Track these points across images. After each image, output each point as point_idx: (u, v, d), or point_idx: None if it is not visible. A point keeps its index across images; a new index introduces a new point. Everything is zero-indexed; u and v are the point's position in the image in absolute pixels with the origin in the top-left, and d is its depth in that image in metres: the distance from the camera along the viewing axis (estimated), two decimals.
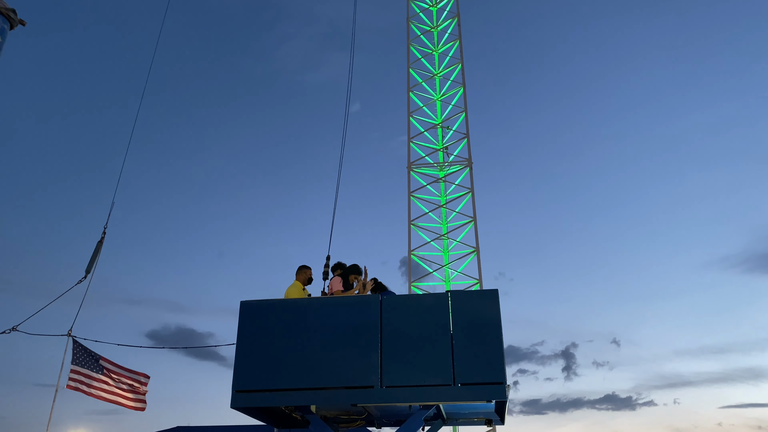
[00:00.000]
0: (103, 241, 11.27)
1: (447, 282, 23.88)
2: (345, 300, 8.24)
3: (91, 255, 11.14)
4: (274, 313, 8.14)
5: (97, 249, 11.20)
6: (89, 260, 11.12)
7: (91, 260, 11.13)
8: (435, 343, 7.70)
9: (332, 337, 7.85)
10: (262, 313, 8.18)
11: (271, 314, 8.15)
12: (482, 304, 7.74)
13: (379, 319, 7.81)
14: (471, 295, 7.85)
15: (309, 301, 8.37)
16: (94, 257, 11.13)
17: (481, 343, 7.62)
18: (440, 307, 7.82)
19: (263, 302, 8.25)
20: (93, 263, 11.12)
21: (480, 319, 7.69)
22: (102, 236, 11.28)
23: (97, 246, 11.20)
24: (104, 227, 11.26)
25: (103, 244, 11.27)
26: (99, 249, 11.24)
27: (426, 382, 7.54)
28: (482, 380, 7.46)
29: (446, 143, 25.90)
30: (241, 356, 7.97)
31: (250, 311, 8.20)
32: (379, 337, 7.75)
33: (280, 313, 8.12)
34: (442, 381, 7.51)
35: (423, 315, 7.83)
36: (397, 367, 7.67)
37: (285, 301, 8.41)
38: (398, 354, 7.70)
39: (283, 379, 7.74)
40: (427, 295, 8.06)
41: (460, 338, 7.67)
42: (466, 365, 7.57)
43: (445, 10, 28.42)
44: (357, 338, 7.79)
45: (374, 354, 7.72)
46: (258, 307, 8.22)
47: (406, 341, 7.74)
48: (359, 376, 7.70)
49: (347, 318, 7.94)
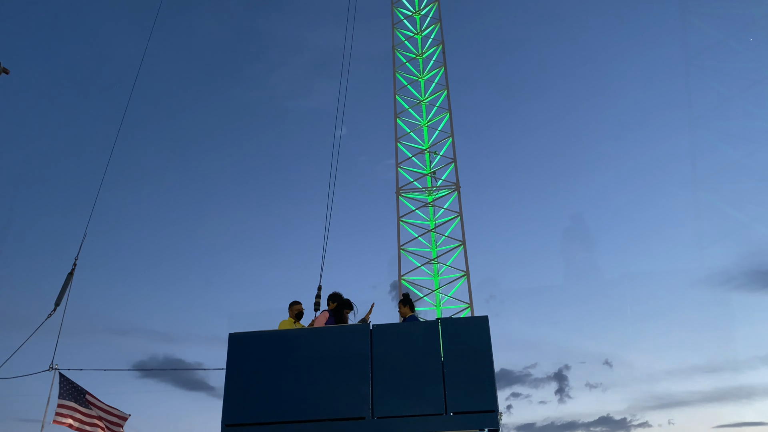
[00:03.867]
0: (74, 273, 11.16)
1: (438, 306, 23.78)
2: (334, 330, 8.19)
3: (61, 287, 11.03)
4: (263, 345, 8.07)
5: (67, 281, 11.09)
6: (59, 293, 11.00)
7: (60, 292, 11.01)
8: (426, 371, 7.64)
9: (322, 368, 7.78)
10: (250, 345, 8.10)
11: (260, 346, 8.08)
12: (473, 332, 7.70)
13: (369, 348, 7.75)
14: (461, 323, 7.81)
15: (298, 332, 8.32)
16: (63, 289, 11.02)
17: (473, 371, 7.57)
18: (430, 335, 7.77)
19: (252, 334, 8.18)
20: (62, 295, 11.00)
21: (471, 346, 7.65)
22: (72, 268, 11.18)
23: (67, 278, 11.09)
24: (75, 259, 11.17)
25: (73, 276, 11.17)
26: (69, 281, 11.12)
27: (418, 412, 7.47)
28: (474, 408, 7.40)
29: (434, 168, 25.96)
30: (231, 389, 7.89)
31: (238, 343, 8.12)
32: (370, 368, 7.69)
33: (269, 344, 8.05)
34: (434, 410, 7.45)
35: (413, 343, 7.78)
36: (388, 397, 7.60)
37: (274, 332, 8.35)
38: (389, 384, 7.64)
39: (273, 413, 7.65)
40: (417, 324, 8.02)
41: (452, 366, 7.62)
42: (457, 394, 7.52)
43: (429, 38, 28.66)
44: (347, 369, 7.73)
45: (365, 385, 7.65)
46: (247, 340, 8.15)
47: (397, 371, 7.68)
48: (350, 407, 7.63)
49: (337, 348, 7.88)
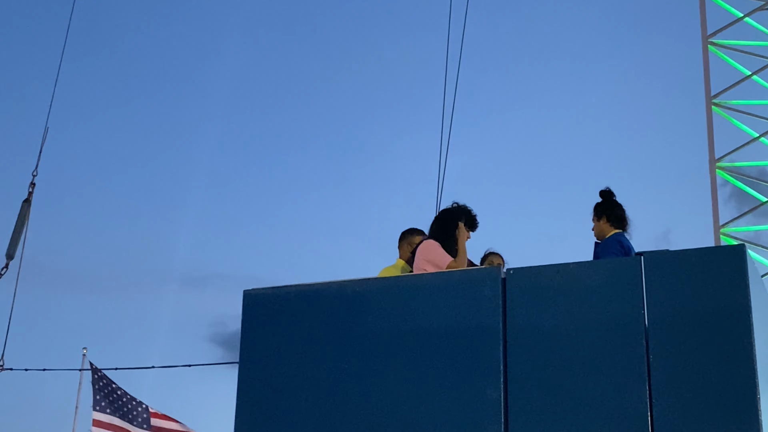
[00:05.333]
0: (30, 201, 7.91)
1: None
2: (431, 280, 4.42)
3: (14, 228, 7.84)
4: (303, 310, 4.40)
5: (21, 215, 7.87)
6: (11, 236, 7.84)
7: (13, 236, 7.84)
8: (611, 361, 3.81)
9: (410, 353, 4.06)
10: (281, 310, 4.46)
11: (298, 312, 4.42)
12: (713, 278, 3.74)
13: (501, 316, 3.93)
14: (690, 259, 3.82)
15: (366, 286, 4.52)
16: (17, 230, 7.82)
17: (714, 361, 3.67)
18: (622, 283, 3.87)
19: (283, 291, 4.51)
20: (17, 240, 7.82)
21: (711, 307, 3.72)
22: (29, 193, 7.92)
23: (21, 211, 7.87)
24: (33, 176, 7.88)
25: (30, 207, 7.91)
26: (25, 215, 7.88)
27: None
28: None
29: None
30: (245, 395, 4.30)
31: (259, 310, 4.50)
32: (502, 353, 3.89)
33: (314, 309, 4.36)
34: None
35: (588, 302, 3.91)
36: (536, 408, 3.82)
37: (321, 287, 4.57)
38: (540, 385, 3.85)
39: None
40: (598, 264, 4.12)
41: (666, 350, 3.74)
42: (678, 405, 3.65)
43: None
44: (458, 355, 3.97)
45: (493, 386, 3.87)
46: (275, 302, 4.51)
47: (554, 359, 3.87)
48: (465, 424, 3.89)
49: (437, 315, 4.11)
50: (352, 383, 4.04)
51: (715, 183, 13.45)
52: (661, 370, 3.73)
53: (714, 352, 3.68)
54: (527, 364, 3.91)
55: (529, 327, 3.91)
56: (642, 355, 3.78)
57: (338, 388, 4.06)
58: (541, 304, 3.94)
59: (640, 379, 3.75)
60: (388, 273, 5.53)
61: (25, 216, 7.99)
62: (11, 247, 7.88)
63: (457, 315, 4.02)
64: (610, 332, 3.88)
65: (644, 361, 3.77)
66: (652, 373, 3.75)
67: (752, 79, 13.86)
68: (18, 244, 7.85)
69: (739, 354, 3.62)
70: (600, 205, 5.41)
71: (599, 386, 3.84)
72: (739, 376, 3.61)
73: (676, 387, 3.70)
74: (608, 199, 5.40)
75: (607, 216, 5.31)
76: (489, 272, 4.33)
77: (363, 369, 4.03)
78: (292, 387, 4.22)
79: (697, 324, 3.76)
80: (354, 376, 4.03)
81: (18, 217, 7.96)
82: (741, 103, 14.10)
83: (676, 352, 3.75)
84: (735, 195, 15.27)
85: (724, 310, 3.69)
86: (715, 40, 14.04)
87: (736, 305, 3.66)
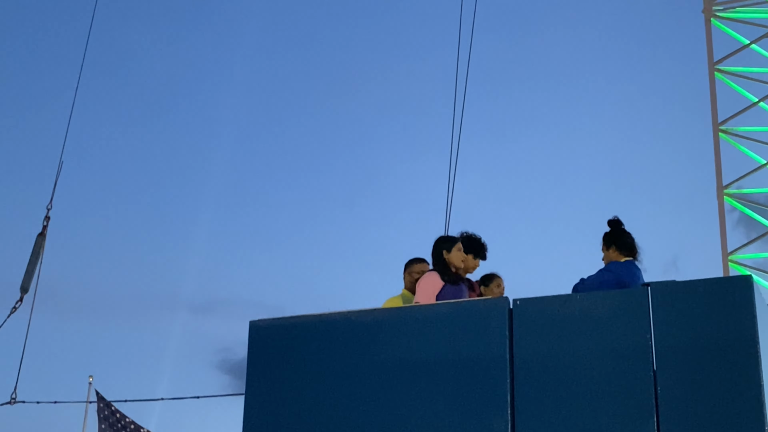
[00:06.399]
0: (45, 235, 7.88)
1: None
2: (437, 310, 4.42)
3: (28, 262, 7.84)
4: (308, 341, 4.40)
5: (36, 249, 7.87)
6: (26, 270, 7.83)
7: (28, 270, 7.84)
8: (618, 393, 3.78)
9: (415, 384, 4.04)
10: (287, 340, 4.46)
11: (303, 342, 4.41)
12: (720, 309, 3.72)
13: (507, 346, 3.92)
14: (696, 290, 3.81)
15: (371, 317, 4.54)
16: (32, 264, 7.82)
17: (721, 392, 3.64)
18: (629, 314, 3.86)
19: (289, 322, 4.52)
20: (32, 274, 7.82)
21: (718, 338, 3.70)
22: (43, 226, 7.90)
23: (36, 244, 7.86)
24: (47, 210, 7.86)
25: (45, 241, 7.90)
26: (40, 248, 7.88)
27: None
28: None
29: None
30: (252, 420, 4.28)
31: (265, 339, 4.50)
32: (509, 384, 3.87)
33: (320, 339, 4.36)
34: None
35: (595, 333, 3.90)
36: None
37: (327, 318, 4.58)
38: (546, 416, 3.82)
39: None
40: (605, 295, 4.11)
41: (673, 383, 3.71)
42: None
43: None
44: (464, 386, 3.96)
45: (500, 416, 3.85)
46: (280, 331, 4.51)
47: (561, 390, 3.85)
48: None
49: (442, 345, 4.10)
50: (357, 414, 4.02)
51: (723, 209, 13.40)
52: (668, 402, 3.70)
53: (722, 383, 3.65)
54: (534, 395, 3.88)
55: (537, 358, 3.89)
56: (650, 387, 3.76)
57: (344, 419, 4.04)
58: (549, 335, 3.92)
59: (648, 411, 3.72)
60: (392, 303, 5.56)
61: (40, 249, 7.99)
62: (26, 281, 7.87)
63: (464, 346, 4.01)
64: (617, 363, 3.86)
65: (652, 393, 3.74)
66: (659, 404, 3.72)
67: (759, 106, 13.86)
68: (33, 277, 7.85)
69: (747, 385, 3.60)
70: (608, 234, 5.41)
71: (607, 418, 3.81)
72: (747, 407, 3.58)
73: (684, 419, 3.67)
74: (616, 228, 5.40)
75: (616, 245, 5.31)
76: (496, 303, 4.31)
77: (369, 400, 4.02)
78: (298, 417, 4.21)
79: (704, 355, 3.73)
80: (360, 408, 4.02)
81: (32, 251, 7.95)
82: (748, 129, 14.08)
83: (684, 383, 3.73)
84: (743, 221, 15.20)
85: (731, 341, 3.67)
86: (721, 67, 14.06)
87: (743, 336, 3.64)
